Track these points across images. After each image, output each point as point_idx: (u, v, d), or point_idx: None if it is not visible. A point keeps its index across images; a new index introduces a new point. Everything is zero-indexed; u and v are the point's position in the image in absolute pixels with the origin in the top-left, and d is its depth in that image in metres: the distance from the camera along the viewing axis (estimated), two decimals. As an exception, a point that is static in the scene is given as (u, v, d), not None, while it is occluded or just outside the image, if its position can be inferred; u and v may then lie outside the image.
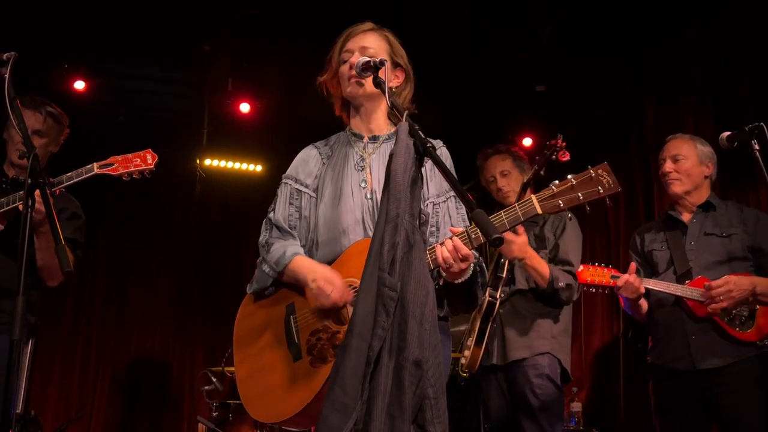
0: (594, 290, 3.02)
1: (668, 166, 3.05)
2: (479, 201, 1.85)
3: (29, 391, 2.72)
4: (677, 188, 3.05)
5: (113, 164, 2.66)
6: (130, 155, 2.68)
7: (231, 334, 2.24)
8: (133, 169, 2.67)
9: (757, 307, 2.86)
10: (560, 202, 1.89)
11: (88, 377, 5.46)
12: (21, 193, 2.55)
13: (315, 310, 2.06)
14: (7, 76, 2.08)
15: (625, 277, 2.92)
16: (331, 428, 1.54)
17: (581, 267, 3.02)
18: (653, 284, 2.94)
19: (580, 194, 1.89)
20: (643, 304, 3.03)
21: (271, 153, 5.89)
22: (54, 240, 1.95)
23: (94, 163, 2.65)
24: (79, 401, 5.39)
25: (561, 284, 3.12)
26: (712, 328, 2.87)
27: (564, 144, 3.15)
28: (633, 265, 2.96)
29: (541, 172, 3.21)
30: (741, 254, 2.93)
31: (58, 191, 2.64)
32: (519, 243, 3.05)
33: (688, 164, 3.03)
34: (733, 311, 2.84)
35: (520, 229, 3.06)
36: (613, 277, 2.96)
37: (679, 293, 2.90)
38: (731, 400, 2.80)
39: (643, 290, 2.93)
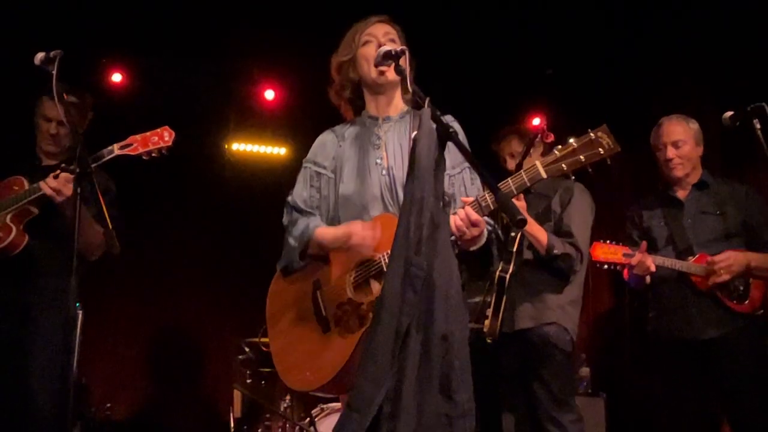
0: (607, 267, 2.99)
1: (671, 152, 3.03)
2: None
3: (80, 363, 2.76)
4: (680, 172, 3.06)
5: (132, 144, 2.52)
6: (148, 133, 2.54)
7: (261, 306, 2.26)
8: (151, 147, 2.51)
9: (751, 280, 2.91)
10: (564, 165, 1.86)
11: (132, 350, 5.54)
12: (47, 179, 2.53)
13: (339, 285, 2.06)
14: (54, 72, 2.10)
15: (639, 256, 2.90)
16: (364, 397, 1.56)
17: (594, 245, 2.99)
18: (661, 261, 2.93)
19: (582, 156, 1.85)
20: (646, 277, 3.03)
21: (294, 136, 5.90)
22: (102, 225, 1.98)
23: (115, 145, 2.53)
24: (125, 372, 5.48)
25: (557, 251, 3.08)
26: (711, 302, 2.91)
27: (545, 127, 3.15)
28: (644, 244, 2.93)
29: (530, 153, 3.15)
30: (735, 231, 2.96)
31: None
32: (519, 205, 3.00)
33: (687, 148, 3.03)
34: (731, 285, 2.88)
35: (520, 195, 3.04)
36: (625, 255, 2.94)
37: (685, 269, 2.91)
38: (729, 367, 2.86)
39: (654, 268, 2.92)
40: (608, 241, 2.99)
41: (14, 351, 2.52)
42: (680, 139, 3.03)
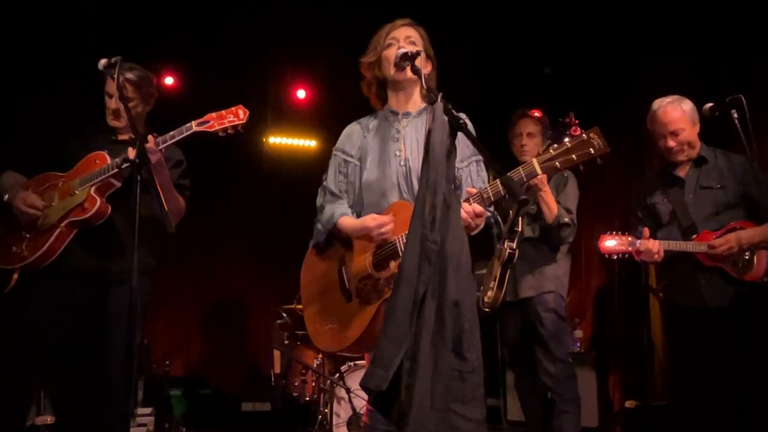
0: (617, 257, 2.79)
1: (671, 142, 2.76)
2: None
3: (143, 326, 2.73)
4: (683, 157, 2.79)
5: (209, 121, 2.32)
6: (223, 111, 2.34)
7: (296, 278, 2.26)
8: (227, 124, 2.32)
9: (756, 250, 2.66)
10: (557, 163, 1.81)
11: (187, 315, 5.61)
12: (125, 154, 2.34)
13: (360, 262, 2.05)
14: (116, 75, 2.10)
15: (644, 242, 2.69)
16: (386, 356, 1.55)
17: (601, 237, 2.81)
18: (666, 245, 2.70)
19: (574, 155, 1.80)
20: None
21: (322, 130, 5.92)
22: (159, 206, 1.96)
23: (193, 122, 2.36)
24: (181, 334, 5.56)
25: (566, 220, 3.02)
26: (718, 275, 2.68)
27: (577, 121, 2.78)
28: (647, 231, 2.73)
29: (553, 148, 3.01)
30: (734, 202, 2.71)
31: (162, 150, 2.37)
32: (541, 177, 2.80)
33: (686, 134, 2.75)
34: (736, 257, 2.66)
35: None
36: (631, 244, 2.74)
37: (689, 249, 2.67)
38: (736, 335, 2.64)
39: (661, 255, 2.67)
40: (613, 233, 2.79)
41: (91, 314, 2.45)
42: (678, 128, 2.73)
